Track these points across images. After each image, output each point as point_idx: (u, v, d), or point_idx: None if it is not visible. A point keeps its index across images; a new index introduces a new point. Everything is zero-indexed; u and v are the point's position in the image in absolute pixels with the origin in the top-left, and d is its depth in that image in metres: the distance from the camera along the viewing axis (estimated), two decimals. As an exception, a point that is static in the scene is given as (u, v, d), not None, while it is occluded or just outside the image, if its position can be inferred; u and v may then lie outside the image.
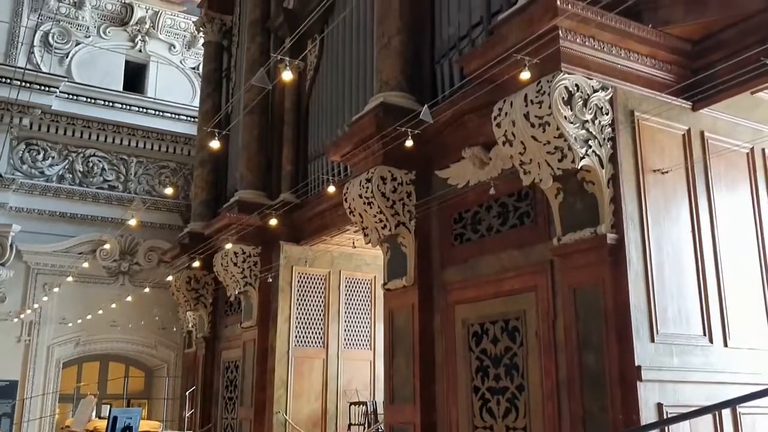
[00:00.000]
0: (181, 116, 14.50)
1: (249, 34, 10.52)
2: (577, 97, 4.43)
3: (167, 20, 15.40)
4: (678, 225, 4.68)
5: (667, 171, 4.66)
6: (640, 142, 4.62)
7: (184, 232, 11.37)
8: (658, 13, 4.63)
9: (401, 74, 6.64)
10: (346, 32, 8.66)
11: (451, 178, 6.06)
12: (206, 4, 12.41)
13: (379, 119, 6.23)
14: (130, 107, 14.05)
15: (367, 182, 6.27)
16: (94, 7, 14.76)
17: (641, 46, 4.65)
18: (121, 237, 13.60)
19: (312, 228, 8.97)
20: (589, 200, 4.54)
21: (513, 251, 5.34)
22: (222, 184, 11.72)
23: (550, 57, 4.39)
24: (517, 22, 4.58)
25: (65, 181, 13.62)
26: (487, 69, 4.81)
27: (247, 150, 10.00)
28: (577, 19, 4.30)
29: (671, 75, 4.84)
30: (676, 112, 4.82)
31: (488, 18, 5.87)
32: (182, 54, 15.60)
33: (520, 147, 4.71)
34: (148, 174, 14.42)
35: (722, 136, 5.03)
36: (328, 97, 9.01)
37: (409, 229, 6.25)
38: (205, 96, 12.22)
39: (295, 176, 9.49)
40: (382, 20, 6.86)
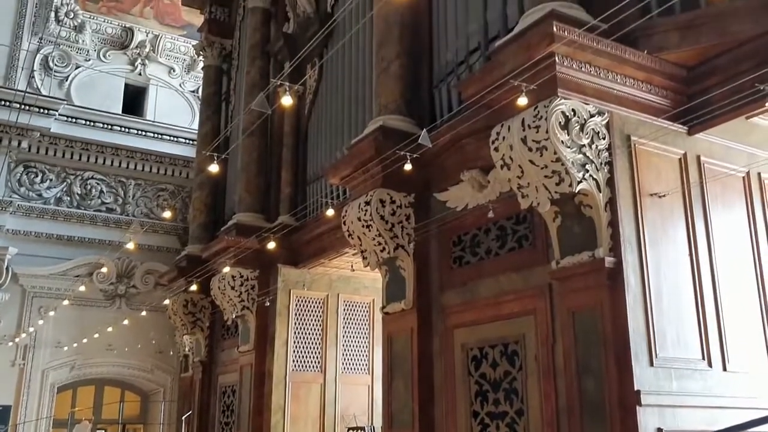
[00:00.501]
0: (180, 139, 14.57)
1: (249, 57, 10.60)
2: (574, 122, 4.47)
3: (167, 44, 15.53)
4: (675, 248, 4.70)
5: (663, 195, 4.69)
6: (637, 166, 4.66)
7: (182, 255, 11.35)
8: (654, 40, 4.69)
9: (400, 98, 6.70)
10: (345, 56, 8.74)
11: (450, 201, 6.08)
12: (206, 29, 12.52)
13: (379, 142, 6.27)
14: (129, 130, 14.12)
15: (366, 205, 6.29)
16: (95, 30, 14.90)
17: (637, 71, 4.70)
18: (118, 260, 13.59)
19: (310, 251, 8.97)
20: (587, 224, 4.56)
21: (512, 274, 5.35)
22: (220, 206, 11.74)
23: (547, 82, 4.44)
24: (514, 48, 4.64)
25: (63, 204, 13.63)
26: (485, 94, 4.85)
27: (245, 172, 10.03)
28: (574, 45, 4.35)
29: (667, 100, 4.89)
30: (672, 137, 4.86)
31: (486, 44, 5.94)
32: (182, 77, 15.71)
33: (517, 171, 4.74)
34: (146, 196, 14.45)
35: (718, 160, 5.06)
36: (327, 120, 9.07)
37: (407, 252, 6.27)
38: (204, 119, 12.28)
39: (294, 199, 9.52)
40: (382, 45, 6.93)
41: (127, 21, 15.16)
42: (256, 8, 10.76)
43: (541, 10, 4.68)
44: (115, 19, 15.07)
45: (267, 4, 10.81)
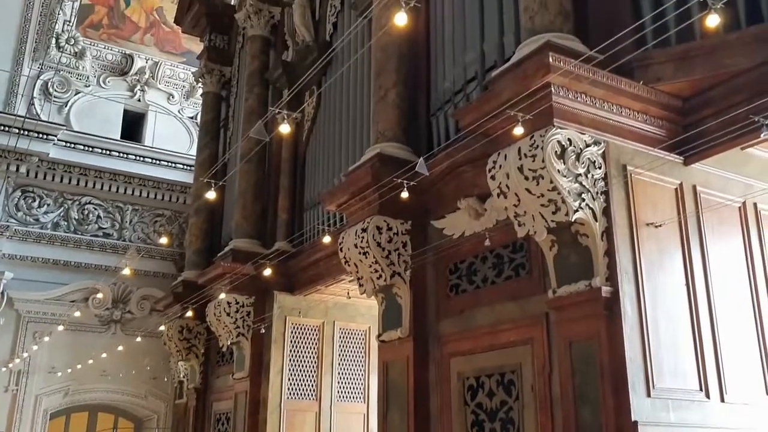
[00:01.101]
0: (178, 165, 14.61)
1: (248, 85, 10.67)
2: (570, 152, 4.49)
3: (167, 71, 15.64)
4: (672, 278, 4.70)
5: (660, 225, 4.70)
6: (633, 195, 4.67)
7: (178, 281, 11.31)
8: (649, 71, 4.73)
9: (397, 126, 6.74)
10: (343, 84, 8.80)
11: (447, 229, 6.08)
12: (206, 56, 12.62)
13: (376, 169, 6.29)
14: (128, 155, 14.17)
15: (362, 232, 6.29)
16: (95, 57, 15.01)
17: (633, 102, 4.74)
18: (114, 285, 13.54)
19: (306, 277, 8.95)
20: (584, 253, 4.56)
21: (508, 303, 5.33)
22: (217, 232, 11.73)
23: (543, 112, 4.47)
24: (511, 78, 4.68)
25: (60, 229, 13.62)
26: (482, 123, 4.88)
27: (242, 198, 10.04)
28: (570, 75, 4.39)
29: (663, 130, 4.92)
30: (668, 167, 4.88)
31: (482, 74, 5.99)
32: (181, 103, 15.80)
33: (514, 199, 4.75)
34: (143, 222, 14.45)
35: (714, 191, 5.08)
36: (325, 147, 9.10)
37: (404, 279, 6.25)
38: (202, 145, 12.32)
39: (291, 225, 9.51)
40: (379, 74, 6.99)
41: (127, 48, 15.28)
42: (255, 36, 10.85)
43: (537, 41, 4.73)
44: (115, 46, 15.19)
45: (266, 32, 10.91)
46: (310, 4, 9.97)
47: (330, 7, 9.52)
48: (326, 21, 9.58)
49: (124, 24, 15.21)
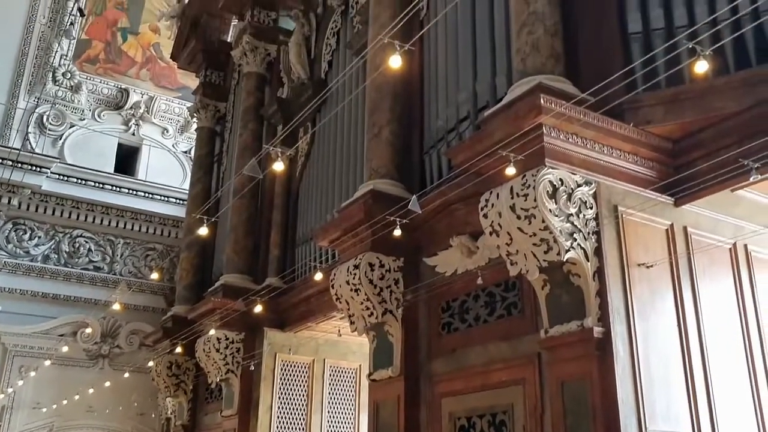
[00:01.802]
0: (171, 199, 14.62)
1: (242, 120, 10.74)
2: (562, 191, 4.52)
3: (162, 105, 15.73)
4: (664, 319, 4.69)
5: (651, 265, 4.71)
6: (625, 236, 4.69)
7: (168, 316, 11.22)
8: (639, 113, 4.79)
9: (391, 163, 6.77)
10: (337, 120, 8.87)
11: (439, 266, 6.08)
12: (201, 91, 12.70)
13: (369, 206, 6.30)
14: (121, 189, 14.18)
15: (354, 269, 6.27)
16: (91, 91, 15.10)
17: (623, 143, 4.78)
18: (103, 319, 13.42)
19: (297, 314, 8.89)
20: (576, 293, 4.56)
21: (500, 342, 5.30)
22: (208, 267, 11.68)
23: (535, 152, 4.51)
24: (503, 118, 4.73)
25: (50, 262, 13.54)
26: (474, 162, 4.92)
27: (234, 233, 10.02)
28: (561, 117, 4.44)
29: (653, 172, 4.96)
30: (659, 208, 4.92)
31: (475, 113, 6.05)
32: (175, 138, 15.87)
33: (506, 238, 4.76)
34: (135, 256, 14.39)
35: (705, 232, 5.11)
36: (318, 182, 9.13)
37: (396, 317, 6.22)
38: (195, 180, 12.33)
39: (282, 261, 9.48)
40: (373, 111, 7.05)
41: (123, 82, 15.39)
42: (251, 73, 10.96)
43: (528, 82, 4.80)
44: (111, 80, 15.29)
45: (262, 69, 11.02)
46: (306, 42, 10.09)
47: (326, 46, 9.64)
48: (322, 59, 9.70)
49: (121, 59, 15.34)
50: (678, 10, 4.95)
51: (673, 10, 4.97)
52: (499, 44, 5.94)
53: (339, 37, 9.36)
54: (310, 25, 10.14)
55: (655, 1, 5.05)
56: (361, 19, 8.27)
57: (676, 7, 4.97)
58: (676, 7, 4.96)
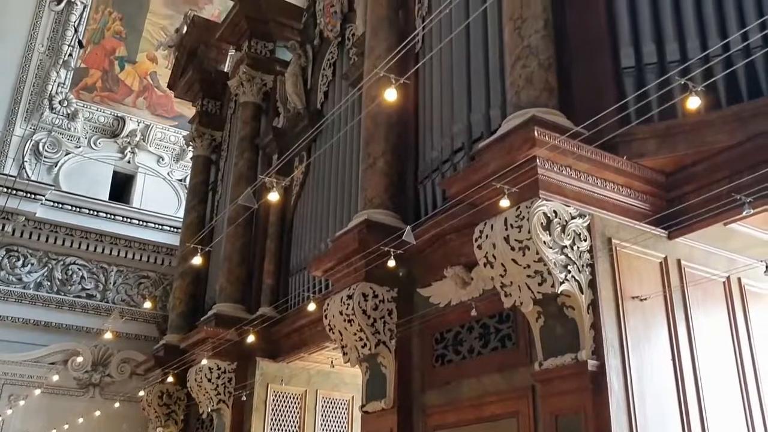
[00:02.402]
0: (165, 227, 14.58)
1: (238, 150, 10.77)
2: (556, 223, 4.53)
3: (158, 133, 15.78)
4: (658, 352, 4.67)
5: (645, 298, 4.71)
6: (619, 268, 4.69)
7: (160, 344, 11.13)
8: (632, 146, 4.83)
9: (385, 193, 6.78)
10: (332, 150, 8.90)
11: (433, 297, 6.06)
12: (197, 120, 12.76)
13: (363, 236, 6.29)
14: (115, 216, 14.14)
15: (348, 299, 6.24)
16: (87, 119, 15.14)
17: (617, 176, 4.81)
18: (94, 347, 13.29)
19: (290, 344, 8.82)
20: (570, 325, 4.54)
21: (494, 375, 5.26)
22: (201, 295, 11.61)
23: (529, 184, 4.53)
24: (497, 150, 4.75)
25: (42, 289, 13.44)
26: (469, 193, 4.93)
27: (228, 262, 9.99)
28: (556, 150, 4.47)
29: (647, 204, 4.98)
30: (652, 240, 4.92)
31: (469, 144, 6.08)
32: (170, 166, 15.88)
33: (500, 269, 4.75)
34: (127, 283, 14.31)
35: (699, 265, 5.11)
36: (312, 212, 9.13)
37: (389, 348, 6.17)
38: (189, 208, 12.32)
39: (276, 290, 9.44)
40: (369, 142, 7.08)
41: (119, 110, 15.44)
42: (247, 103, 11.02)
43: (522, 115, 4.83)
44: (108, 108, 15.35)
45: (258, 99, 11.08)
46: (302, 73, 10.17)
47: (322, 77, 9.72)
48: (318, 90, 9.77)
49: (118, 87, 15.41)
50: (670, 45, 5.02)
51: (666, 46, 5.04)
52: (494, 77, 6.00)
53: (335, 68, 9.45)
54: (306, 56, 10.23)
55: (647, 37, 5.12)
56: (357, 51, 8.35)
57: (668, 43, 5.03)
58: (668, 42, 5.03)
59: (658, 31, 5.11)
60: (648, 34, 5.13)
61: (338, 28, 9.38)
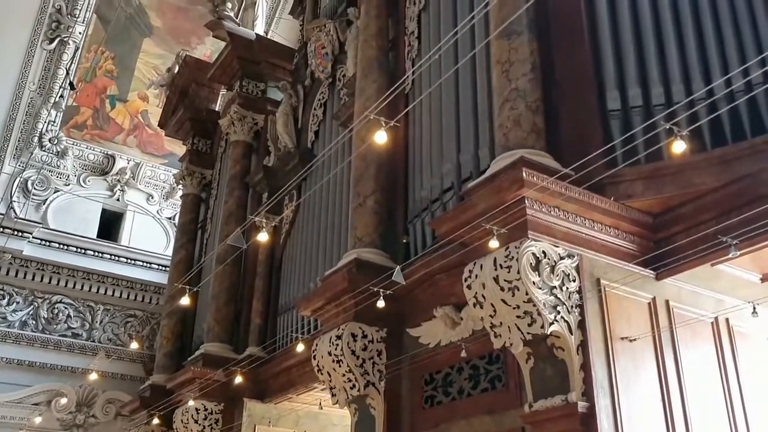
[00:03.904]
0: (153, 265, 14.50)
1: (228, 188, 10.79)
2: (545, 264, 4.55)
3: (147, 171, 15.79)
4: (648, 393, 4.66)
5: (634, 339, 4.71)
6: (608, 309, 4.70)
7: (146, 385, 10.97)
8: (620, 188, 4.88)
9: (375, 232, 6.80)
10: (322, 188, 8.93)
11: (423, 337, 6.03)
12: (188, 159, 12.78)
13: (352, 275, 6.27)
14: (103, 255, 14.06)
15: (337, 339, 6.21)
16: (77, 156, 15.15)
17: (604, 217, 4.85)
18: (79, 387, 13.07)
19: (278, 384, 8.72)
20: (560, 366, 4.52)
21: (484, 417, 5.22)
22: (188, 334, 11.49)
23: (518, 225, 4.56)
24: (486, 190, 4.79)
25: (27, 328, 13.27)
26: (458, 233, 4.95)
27: (216, 301, 9.92)
28: (544, 191, 4.51)
29: (634, 245, 5.02)
30: (641, 281, 4.94)
31: (459, 184, 6.12)
32: (160, 204, 15.86)
33: (490, 309, 4.75)
34: (114, 322, 14.16)
35: (687, 305, 5.13)
36: (302, 250, 9.11)
37: (378, 389, 6.12)
38: (178, 246, 12.26)
39: (264, 330, 9.36)
40: (358, 181, 7.12)
41: (109, 148, 15.47)
42: (238, 141, 11.08)
43: (511, 156, 4.88)
44: (98, 146, 15.38)
45: (249, 138, 11.14)
46: (293, 112, 10.26)
47: (312, 116, 9.80)
48: (308, 129, 9.84)
49: (109, 125, 15.46)
50: (655, 89, 5.11)
51: (651, 89, 5.13)
52: (482, 118, 6.07)
53: (326, 108, 9.53)
54: (297, 96, 10.33)
55: (632, 80, 5.22)
56: (348, 92, 8.44)
57: (653, 86, 5.13)
58: (654, 86, 5.13)
59: (643, 75, 5.22)
60: (633, 77, 5.23)
61: (329, 69, 9.49)
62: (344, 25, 9.22)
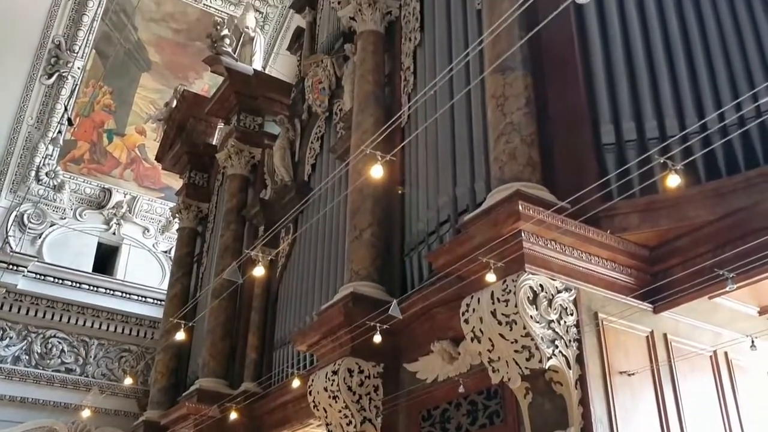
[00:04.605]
0: (149, 299, 14.42)
1: (224, 221, 10.77)
2: (542, 297, 4.54)
3: (144, 205, 15.79)
4: (647, 427, 4.61)
5: (633, 373, 4.67)
6: (606, 343, 4.67)
7: (139, 421, 10.82)
8: (615, 221, 4.90)
9: (371, 265, 6.78)
10: (319, 221, 8.92)
11: (420, 373, 5.97)
12: (184, 192, 12.79)
13: (349, 309, 6.24)
14: (98, 289, 13.98)
15: (333, 375, 6.15)
16: (73, 190, 15.16)
17: (601, 250, 4.85)
18: (72, 424, 12.89)
19: (273, 420, 8.60)
20: (558, 401, 4.48)
21: (483, 453, 5.15)
22: (183, 370, 11.37)
23: (515, 258, 4.56)
24: (483, 223, 4.80)
25: (20, 363, 13.13)
26: (455, 267, 4.94)
27: (211, 335, 9.84)
28: (541, 224, 4.52)
29: (632, 278, 5.01)
30: (638, 315, 4.93)
31: (455, 217, 6.13)
32: (156, 238, 15.83)
33: (488, 344, 4.72)
34: (108, 357, 14.03)
35: (685, 339, 5.10)
36: (298, 284, 9.07)
37: (375, 426, 6.04)
38: (174, 281, 12.20)
39: (259, 365, 9.28)
40: (355, 214, 7.12)
41: (106, 182, 15.50)
42: (235, 175, 11.10)
43: (507, 189, 4.90)
44: (94, 180, 15.40)
45: (246, 171, 11.17)
46: (290, 146, 10.31)
47: (309, 150, 9.85)
48: (305, 162, 9.88)
49: (106, 159, 15.51)
50: (649, 123, 5.16)
51: (644, 123, 5.17)
52: (478, 151, 6.10)
53: (323, 141, 9.58)
54: (294, 129, 10.39)
55: (626, 114, 5.26)
56: (345, 126, 8.50)
57: (647, 120, 5.18)
58: (647, 120, 5.17)
59: (637, 109, 5.27)
60: (627, 111, 5.27)
61: (326, 104, 9.56)
62: (341, 61, 9.32)
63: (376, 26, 8.11)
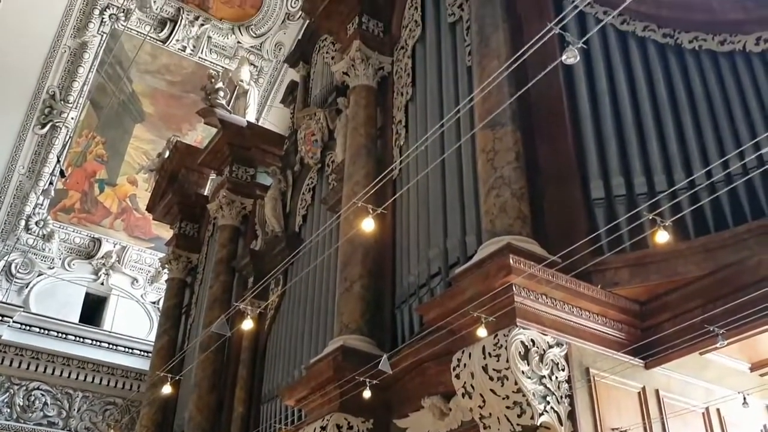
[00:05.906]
0: (135, 350, 14.24)
1: (214, 272, 10.70)
2: (534, 352, 4.50)
3: (133, 255, 15.72)
4: (642, 487, 4.54)
5: (625, 430, 4.62)
6: (597, 399, 4.62)
7: (122, 477, 10.56)
8: (606, 275, 4.91)
9: (361, 318, 6.72)
10: (309, 274, 8.88)
11: (410, 429, 5.87)
12: (174, 243, 12.73)
13: (338, 363, 6.16)
14: (84, 340, 13.80)
15: (321, 430, 6.03)
16: (63, 240, 15.09)
17: (592, 305, 4.85)
18: (50, 481, 12.56)
19: (261, 476, 8.42)
20: (550, 459, 4.41)
21: None
22: (169, 424, 11.13)
23: (506, 312, 4.54)
24: (474, 276, 4.80)
25: (1, 416, 12.84)
26: (446, 320, 4.91)
27: (198, 388, 9.67)
28: (533, 279, 4.52)
29: (623, 333, 5.00)
30: (630, 370, 4.89)
31: (446, 269, 6.12)
32: (144, 288, 15.71)
33: (479, 400, 4.66)
34: (92, 410, 13.76)
35: (677, 395, 5.06)
36: (287, 337, 8.97)
37: (364, 483, 5.92)
38: (161, 332, 12.04)
39: (247, 419, 9.10)
40: (345, 265, 7.10)
41: (96, 232, 15.45)
42: (225, 226, 11.09)
43: (497, 242, 4.92)
44: (84, 230, 15.35)
45: (237, 222, 11.16)
46: (282, 197, 10.33)
47: (301, 201, 9.87)
48: (296, 213, 9.89)
49: (96, 209, 15.49)
50: (638, 178, 5.22)
51: (633, 179, 5.24)
52: (468, 204, 6.14)
53: (314, 192, 9.62)
54: (286, 181, 10.44)
55: (615, 170, 5.33)
56: (336, 177, 8.55)
57: (635, 176, 5.24)
58: (636, 176, 5.24)
59: (626, 165, 5.34)
60: (616, 167, 5.35)
61: (318, 156, 9.64)
62: (334, 114, 9.43)
63: (368, 81, 8.24)
